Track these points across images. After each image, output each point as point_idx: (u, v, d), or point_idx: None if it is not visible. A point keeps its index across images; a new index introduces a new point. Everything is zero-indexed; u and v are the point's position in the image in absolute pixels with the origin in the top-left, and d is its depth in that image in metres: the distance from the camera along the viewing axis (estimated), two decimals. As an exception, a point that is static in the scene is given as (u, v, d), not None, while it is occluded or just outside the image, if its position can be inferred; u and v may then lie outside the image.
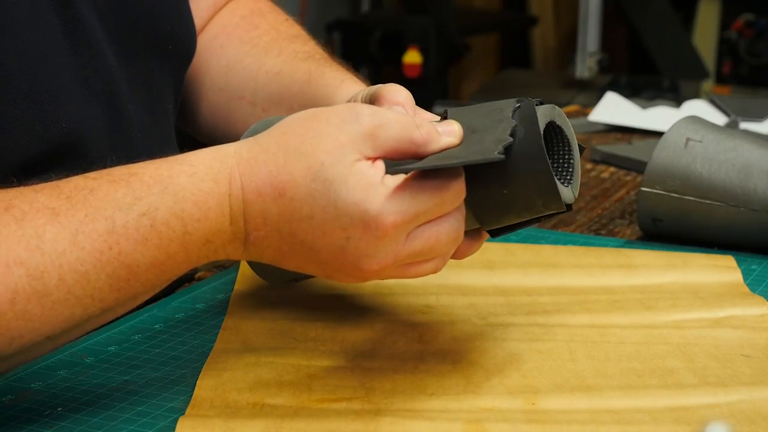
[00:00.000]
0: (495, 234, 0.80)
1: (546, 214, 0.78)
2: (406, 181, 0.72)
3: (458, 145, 0.75)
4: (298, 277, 0.86)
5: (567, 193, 0.78)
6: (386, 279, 0.76)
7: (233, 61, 1.06)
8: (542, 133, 0.75)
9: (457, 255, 0.79)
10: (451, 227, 0.74)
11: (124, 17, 0.93)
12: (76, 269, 0.71)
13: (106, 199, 0.73)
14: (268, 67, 1.03)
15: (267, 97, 1.01)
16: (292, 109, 0.97)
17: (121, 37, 0.93)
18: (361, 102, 0.84)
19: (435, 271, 0.76)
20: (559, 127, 0.79)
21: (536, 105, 0.76)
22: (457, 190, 0.73)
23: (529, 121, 0.75)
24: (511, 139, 0.74)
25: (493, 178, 0.75)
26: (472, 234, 0.79)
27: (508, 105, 0.76)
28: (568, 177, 0.79)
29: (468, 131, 0.76)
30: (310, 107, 0.79)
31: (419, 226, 0.73)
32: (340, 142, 0.73)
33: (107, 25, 0.91)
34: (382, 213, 0.72)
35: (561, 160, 0.80)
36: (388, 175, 0.73)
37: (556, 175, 0.78)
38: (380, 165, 0.73)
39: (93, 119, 0.88)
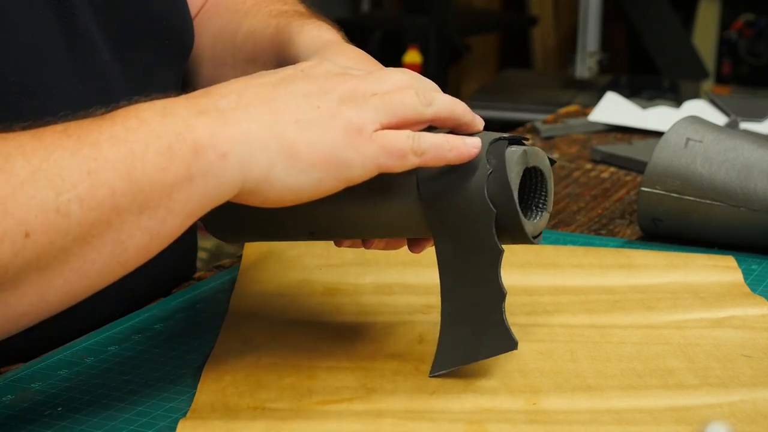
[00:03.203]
0: None
1: None
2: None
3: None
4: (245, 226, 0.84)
5: (531, 227, 0.77)
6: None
7: (219, 30, 1.06)
8: (517, 190, 0.75)
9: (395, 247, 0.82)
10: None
11: (119, 12, 0.93)
12: (39, 148, 0.68)
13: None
14: (245, 28, 1.03)
15: (244, 57, 1.01)
16: (265, 66, 0.97)
17: (117, 33, 0.93)
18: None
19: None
20: (534, 167, 0.78)
21: (506, 149, 0.75)
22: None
23: (503, 186, 0.74)
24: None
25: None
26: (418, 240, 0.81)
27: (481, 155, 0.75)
28: (541, 206, 0.79)
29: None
30: (279, 59, 0.79)
31: None
32: None
33: (102, 20, 0.91)
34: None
35: (534, 195, 0.79)
36: None
37: (529, 212, 0.78)
38: None
39: (88, 113, 0.88)
